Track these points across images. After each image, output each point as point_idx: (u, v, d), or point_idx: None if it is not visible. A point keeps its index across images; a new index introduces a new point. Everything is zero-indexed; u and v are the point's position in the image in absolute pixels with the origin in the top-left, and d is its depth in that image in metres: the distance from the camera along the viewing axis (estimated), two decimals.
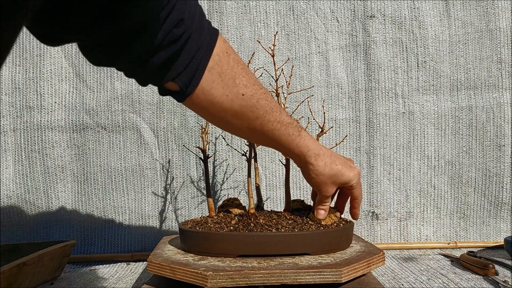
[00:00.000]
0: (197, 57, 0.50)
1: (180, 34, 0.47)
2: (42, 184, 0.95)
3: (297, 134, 0.60)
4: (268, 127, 0.57)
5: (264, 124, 0.56)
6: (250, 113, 0.55)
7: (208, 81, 0.51)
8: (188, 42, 0.48)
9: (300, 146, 0.60)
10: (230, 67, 0.52)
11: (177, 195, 0.97)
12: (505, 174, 0.96)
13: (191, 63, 0.49)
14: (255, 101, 0.54)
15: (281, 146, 0.60)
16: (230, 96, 0.53)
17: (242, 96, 0.53)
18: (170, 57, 0.48)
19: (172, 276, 0.57)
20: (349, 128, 0.98)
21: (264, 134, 0.58)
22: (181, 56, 0.48)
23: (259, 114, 0.55)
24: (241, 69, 0.54)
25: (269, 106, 0.56)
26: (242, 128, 0.57)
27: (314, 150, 0.61)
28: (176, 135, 0.97)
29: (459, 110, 0.97)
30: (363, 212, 0.98)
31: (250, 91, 0.54)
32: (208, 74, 0.51)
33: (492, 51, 0.96)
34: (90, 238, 0.95)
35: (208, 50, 0.50)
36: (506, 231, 0.96)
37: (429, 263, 0.83)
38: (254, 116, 0.55)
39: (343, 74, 0.98)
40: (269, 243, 0.60)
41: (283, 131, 0.58)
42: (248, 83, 0.54)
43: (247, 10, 0.97)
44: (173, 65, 0.49)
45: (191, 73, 0.50)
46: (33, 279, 0.69)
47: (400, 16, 0.97)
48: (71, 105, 0.96)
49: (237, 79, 0.53)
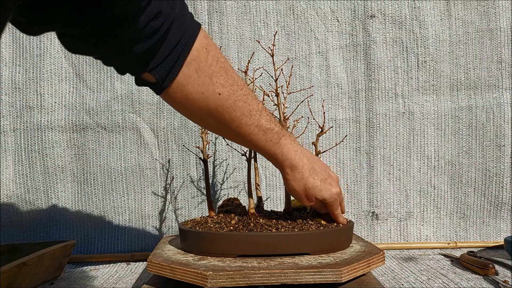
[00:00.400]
0: (176, 51, 0.49)
1: (158, 27, 0.46)
2: (42, 184, 0.95)
3: (275, 141, 0.58)
4: (244, 130, 0.56)
5: (241, 127, 0.55)
6: (226, 114, 0.54)
7: (185, 76, 0.50)
8: (168, 35, 0.47)
9: (276, 154, 0.59)
10: (208, 64, 0.51)
11: (177, 195, 0.97)
12: (505, 174, 0.96)
13: (169, 56, 0.49)
14: (232, 102, 0.53)
15: (259, 150, 0.59)
16: (206, 94, 0.52)
17: (218, 96, 0.52)
18: (149, 49, 0.47)
19: (172, 276, 0.57)
20: (349, 128, 0.98)
21: (241, 136, 0.57)
22: (161, 48, 0.48)
23: (235, 116, 0.54)
24: (219, 68, 0.52)
25: (247, 109, 0.54)
26: (219, 128, 0.56)
27: (292, 161, 0.60)
28: (176, 135, 0.97)
29: (459, 110, 0.97)
30: (363, 212, 0.98)
31: (227, 91, 0.53)
32: (185, 69, 0.50)
33: (493, 51, 0.96)
34: (90, 238, 0.95)
35: (187, 44, 0.49)
36: (506, 231, 0.96)
37: (429, 263, 0.83)
38: (230, 118, 0.54)
39: (343, 74, 0.98)
40: (269, 243, 0.60)
41: (260, 136, 0.57)
42: (226, 82, 0.53)
43: (247, 10, 0.97)
44: (151, 57, 0.48)
45: (169, 66, 0.49)
46: (33, 279, 0.69)
47: (400, 16, 0.97)
48: (71, 105, 0.96)
49: (214, 77, 0.52)
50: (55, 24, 0.42)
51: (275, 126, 0.59)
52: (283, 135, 0.60)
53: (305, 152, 0.63)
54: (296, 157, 0.60)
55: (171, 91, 0.51)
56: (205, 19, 0.97)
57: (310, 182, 0.61)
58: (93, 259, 0.92)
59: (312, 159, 0.63)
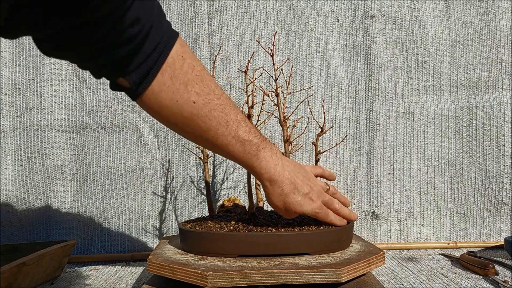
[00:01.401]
0: (152, 58, 0.49)
1: (136, 33, 0.46)
2: (41, 184, 0.95)
3: (253, 153, 0.56)
4: (221, 141, 0.54)
5: (217, 137, 0.54)
6: (202, 123, 0.53)
7: (159, 83, 0.50)
8: (145, 42, 0.47)
9: (254, 166, 0.57)
10: (183, 72, 0.51)
11: (177, 195, 0.97)
12: (505, 174, 0.96)
13: (145, 62, 0.49)
14: (207, 111, 0.52)
15: (237, 161, 0.58)
16: (180, 102, 0.51)
17: (192, 104, 0.51)
18: (125, 54, 0.47)
19: (172, 276, 0.57)
20: (349, 128, 0.98)
21: (217, 147, 0.55)
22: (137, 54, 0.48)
23: (211, 126, 0.53)
24: (195, 76, 0.52)
25: (223, 119, 0.53)
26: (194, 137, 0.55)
27: (271, 175, 0.58)
28: (176, 135, 0.97)
29: (459, 110, 0.97)
30: (363, 212, 0.98)
31: (203, 99, 0.52)
32: (160, 76, 0.50)
33: (492, 51, 0.96)
34: (90, 238, 0.95)
35: (163, 51, 0.49)
36: (506, 231, 0.96)
37: (429, 263, 0.83)
38: (205, 127, 0.53)
39: (343, 74, 0.98)
40: (269, 243, 0.60)
41: (238, 147, 0.55)
42: (202, 91, 0.52)
43: (247, 9, 0.97)
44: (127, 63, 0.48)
45: (144, 72, 0.49)
46: (33, 279, 0.69)
47: (400, 16, 0.97)
48: (71, 105, 0.96)
49: (189, 85, 0.51)
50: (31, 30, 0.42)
51: (254, 138, 0.57)
52: (263, 148, 0.58)
53: (286, 165, 0.60)
54: (276, 171, 0.58)
55: (145, 97, 0.51)
56: (205, 19, 0.97)
57: (290, 197, 0.59)
58: (93, 259, 0.92)
59: (294, 172, 0.61)
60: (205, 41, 0.97)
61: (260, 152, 0.57)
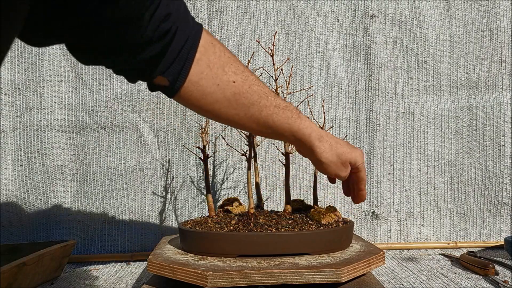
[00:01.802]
0: (184, 50, 0.50)
1: (168, 29, 0.47)
2: (41, 184, 0.95)
3: (296, 116, 0.57)
4: (265, 113, 0.55)
5: (261, 110, 0.55)
6: (244, 100, 0.54)
7: (197, 72, 0.51)
8: (176, 36, 0.48)
9: (302, 128, 0.58)
10: (217, 57, 0.52)
11: (177, 195, 0.97)
12: (505, 174, 0.96)
13: (178, 56, 0.49)
14: (247, 87, 0.54)
15: (282, 132, 0.58)
16: (222, 85, 0.52)
17: (233, 84, 0.53)
18: (159, 52, 0.48)
19: (172, 276, 0.57)
20: (349, 128, 0.98)
21: (263, 121, 0.56)
22: (169, 50, 0.49)
23: (253, 100, 0.54)
24: (228, 58, 0.54)
25: (262, 91, 0.55)
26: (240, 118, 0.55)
27: (318, 131, 0.59)
28: (176, 135, 0.97)
29: (459, 110, 0.97)
30: (363, 212, 0.98)
31: (241, 77, 0.53)
32: (196, 66, 0.51)
33: (493, 50, 0.96)
34: (90, 238, 0.95)
35: (194, 42, 0.50)
36: (506, 231, 0.96)
37: (429, 263, 0.83)
38: (249, 103, 0.54)
39: (343, 74, 0.98)
40: (269, 243, 0.60)
41: (282, 114, 0.56)
42: (237, 70, 0.54)
43: (247, 9, 0.97)
44: (161, 60, 0.49)
45: (179, 66, 0.50)
46: (33, 279, 0.69)
47: (400, 16, 0.97)
48: (71, 105, 0.96)
49: (226, 67, 0.53)
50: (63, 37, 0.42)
51: (289, 104, 0.58)
52: (299, 111, 0.59)
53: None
54: (318, 128, 0.60)
55: (185, 90, 0.52)
56: (205, 18, 0.97)
57: (339, 148, 0.61)
58: (93, 259, 0.92)
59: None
60: None
61: (300, 114, 0.58)
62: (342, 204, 0.97)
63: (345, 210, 0.97)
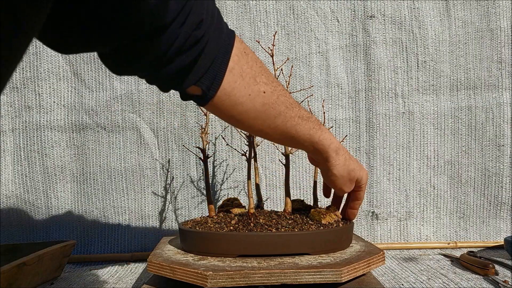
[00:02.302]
0: (218, 59, 0.49)
1: (201, 36, 0.46)
2: (41, 184, 0.95)
3: (317, 127, 0.59)
4: (290, 123, 0.56)
5: (287, 121, 0.55)
6: (272, 110, 0.54)
7: (229, 82, 0.50)
8: (208, 44, 0.47)
9: (322, 140, 0.59)
10: (249, 66, 0.52)
11: (177, 195, 0.97)
12: (505, 173, 0.96)
13: (212, 65, 0.48)
14: (276, 98, 0.54)
15: (303, 141, 0.59)
16: (252, 95, 0.52)
17: (263, 94, 0.53)
18: (192, 60, 0.47)
19: (172, 276, 0.57)
20: (349, 128, 0.98)
21: (287, 131, 0.57)
22: (202, 58, 0.47)
23: (280, 111, 0.55)
24: (259, 67, 0.53)
25: (288, 102, 0.55)
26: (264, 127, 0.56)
27: (336, 144, 0.60)
28: (176, 135, 0.97)
29: (459, 110, 0.97)
30: (363, 212, 0.98)
31: (270, 88, 0.54)
32: (229, 75, 0.50)
33: (493, 50, 0.96)
34: (90, 238, 0.95)
35: (227, 51, 0.50)
36: (506, 231, 0.96)
37: (429, 263, 0.83)
38: (276, 113, 0.54)
39: (343, 74, 0.98)
40: (269, 243, 0.60)
41: (304, 125, 0.57)
42: (268, 80, 0.54)
43: (247, 9, 0.97)
44: (194, 68, 0.47)
45: (213, 75, 0.49)
46: (33, 279, 0.69)
47: (400, 16, 0.97)
48: (70, 105, 0.96)
49: (258, 77, 0.53)
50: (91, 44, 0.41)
51: (311, 114, 0.59)
52: (320, 122, 0.60)
53: None
54: (336, 140, 0.61)
55: (217, 99, 0.51)
56: None
57: (351, 164, 0.62)
58: (93, 259, 0.92)
59: None
60: None
61: (321, 126, 0.60)
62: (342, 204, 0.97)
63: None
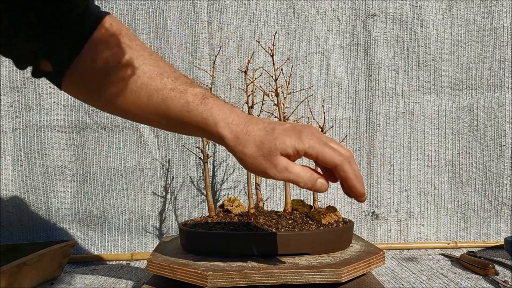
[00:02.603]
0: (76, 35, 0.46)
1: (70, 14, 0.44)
2: (41, 184, 0.95)
3: (198, 102, 0.46)
4: (157, 98, 0.47)
5: (152, 94, 0.47)
6: (133, 84, 0.47)
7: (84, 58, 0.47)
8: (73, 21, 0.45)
9: (205, 117, 0.46)
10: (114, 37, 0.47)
11: (177, 195, 0.97)
12: (506, 174, 0.96)
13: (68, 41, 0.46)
14: (138, 66, 0.47)
15: (183, 122, 0.47)
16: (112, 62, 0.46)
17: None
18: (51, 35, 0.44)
19: (172, 276, 0.57)
20: (349, 128, 0.98)
21: (156, 109, 0.47)
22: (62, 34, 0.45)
23: (143, 82, 0.47)
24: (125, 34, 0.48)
25: (157, 71, 0.47)
26: (130, 107, 0.48)
27: (227, 119, 0.46)
28: (176, 135, 0.97)
29: (460, 110, 0.97)
30: (363, 212, 0.97)
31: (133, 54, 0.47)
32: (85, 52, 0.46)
33: (495, 50, 0.96)
34: (90, 238, 0.95)
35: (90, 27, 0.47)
36: (506, 231, 0.96)
37: (429, 263, 0.83)
38: (136, 87, 0.47)
39: (343, 73, 0.98)
40: (269, 243, 0.60)
41: (178, 99, 0.46)
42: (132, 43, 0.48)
43: (247, 9, 0.97)
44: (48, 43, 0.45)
45: (67, 52, 0.46)
46: (33, 279, 0.69)
47: (401, 15, 0.96)
48: (70, 105, 0.96)
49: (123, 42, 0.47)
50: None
51: (191, 85, 0.48)
52: (213, 96, 0.48)
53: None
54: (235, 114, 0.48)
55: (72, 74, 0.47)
56: (204, 18, 0.96)
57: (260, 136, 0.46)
58: (93, 259, 0.92)
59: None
60: (205, 40, 0.96)
61: (208, 99, 0.47)
62: (342, 204, 0.96)
63: (345, 210, 0.97)
